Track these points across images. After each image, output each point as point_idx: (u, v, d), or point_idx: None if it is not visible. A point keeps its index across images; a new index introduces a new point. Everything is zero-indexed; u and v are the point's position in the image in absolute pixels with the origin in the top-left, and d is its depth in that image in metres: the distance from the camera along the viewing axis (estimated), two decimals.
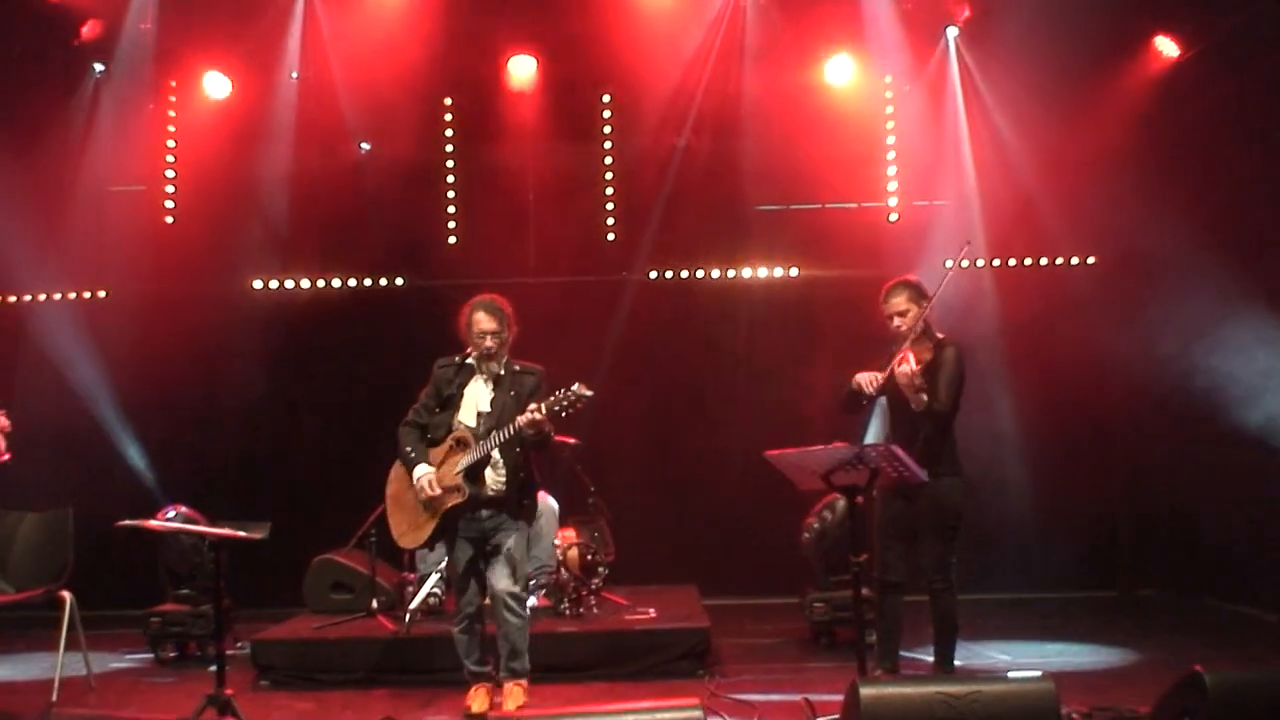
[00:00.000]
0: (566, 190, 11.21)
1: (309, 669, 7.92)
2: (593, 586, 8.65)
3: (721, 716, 6.52)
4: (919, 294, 6.75)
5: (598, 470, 9.41)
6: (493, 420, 6.72)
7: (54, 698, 7.36)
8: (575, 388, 6.48)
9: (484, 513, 6.78)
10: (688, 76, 10.76)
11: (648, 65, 10.67)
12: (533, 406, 6.50)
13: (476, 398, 6.84)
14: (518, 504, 6.83)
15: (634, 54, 10.45)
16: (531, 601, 8.28)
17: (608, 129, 11.22)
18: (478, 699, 6.88)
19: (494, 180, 11.24)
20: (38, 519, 8.22)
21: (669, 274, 11.19)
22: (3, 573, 8.08)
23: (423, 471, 6.75)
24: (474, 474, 6.70)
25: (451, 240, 11.27)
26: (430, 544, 6.93)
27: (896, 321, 6.75)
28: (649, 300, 11.05)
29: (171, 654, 8.86)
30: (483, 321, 6.81)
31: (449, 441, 6.77)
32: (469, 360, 6.89)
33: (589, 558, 8.74)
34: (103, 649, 8.78)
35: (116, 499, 8.98)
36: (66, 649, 7.56)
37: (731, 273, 11.17)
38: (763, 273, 11.13)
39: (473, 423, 6.77)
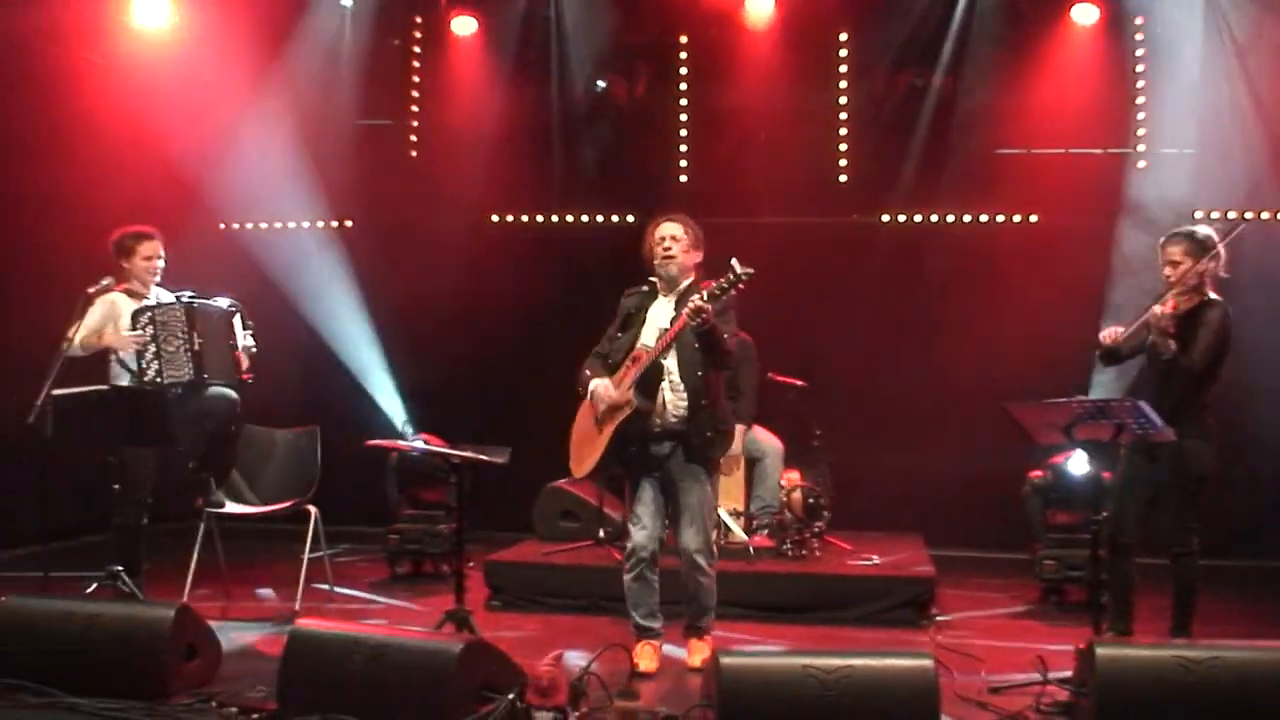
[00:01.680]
0: (799, 130, 11.09)
1: (537, 592, 8.18)
2: (815, 529, 8.65)
3: (947, 668, 6.34)
4: (1199, 247, 6.33)
5: (824, 413, 9.38)
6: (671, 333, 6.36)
7: (297, 606, 7.73)
8: (735, 266, 6.02)
9: (665, 445, 6.43)
10: (927, 16, 10.57)
11: (886, 3, 10.53)
12: (694, 297, 6.07)
13: (657, 318, 6.54)
14: (698, 436, 6.40)
15: None
16: (754, 541, 8.39)
17: (843, 68, 11.06)
18: (645, 656, 6.42)
19: (726, 119, 11.20)
20: (287, 436, 8.65)
21: (902, 217, 11.01)
22: (253, 487, 8.53)
23: (596, 384, 6.50)
24: (645, 387, 6.34)
25: (682, 179, 11.31)
26: (601, 470, 6.63)
27: (1167, 271, 6.47)
28: (881, 243, 10.89)
29: (406, 570, 9.25)
30: (664, 227, 6.58)
31: (626, 361, 6.48)
32: (653, 282, 6.65)
33: (812, 500, 8.75)
34: (343, 562, 9.20)
35: (360, 420, 9.39)
36: (309, 560, 7.93)
37: (967, 217, 10.94)
38: (1000, 218, 10.89)
39: (653, 342, 6.44)
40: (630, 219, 11.26)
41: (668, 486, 6.47)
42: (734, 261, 6.00)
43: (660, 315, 6.51)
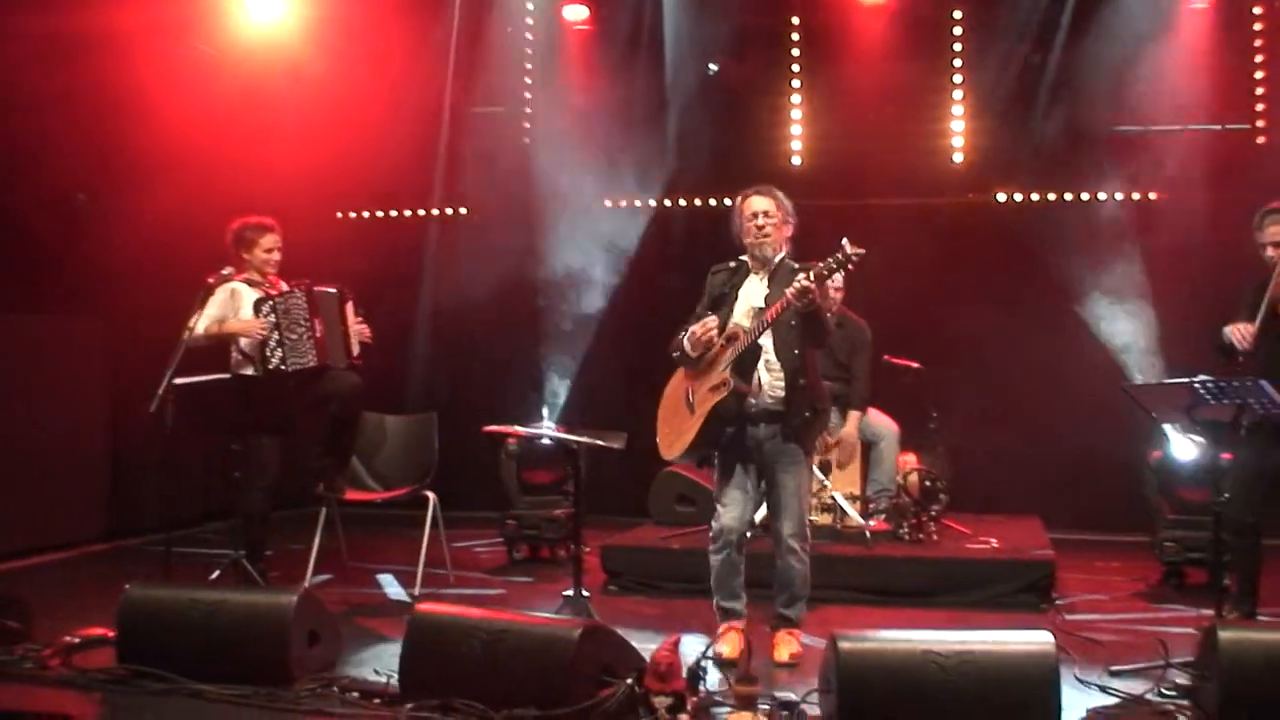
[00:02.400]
0: (912, 110, 11.00)
1: (654, 576, 8.19)
2: (933, 513, 8.56)
3: (1067, 651, 6.18)
4: None
5: (939, 395, 9.27)
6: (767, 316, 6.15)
7: (417, 591, 7.83)
8: (845, 246, 5.81)
9: (761, 429, 6.23)
10: None
11: None
12: (800, 277, 5.87)
13: (750, 295, 6.34)
14: (796, 417, 6.19)
15: None
16: (871, 525, 8.33)
17: (957, 46, 10.93)
18: (729, 642, 6.21)
19: (838, 100, 11.14)
20: (404, 422, 8.76)
21: (1018, 197, 10.84)
22: (372, 473, 8.65)
23: (690, 329, 6.27)
24: (742, 369, 6.13)
25: (794, 161, 11.25)
26: (694, 452, 6.40)
27: (1270, 253, 6.33)
28: (996, 223, 10.75)
29: (524, 555, 9.32)
30: (754, 203, 6.34)
31: (720, 340, 6.27)
32: (742, 260, 6.46)
33: (929, 483, 8.65)
34: (461, 547, 9.30)
35: (478, 406, 9.47)
36: (428, 545, 8.01)
37: (1085, 195, 10.74)
38: (1119, 196, 10.67)
39: (747, 321, 6.23)
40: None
41: (763, 469, 6.33)
42: (845, 241, 5.81)
43: (753, 293, 6.33)
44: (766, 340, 6.17)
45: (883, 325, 8.93)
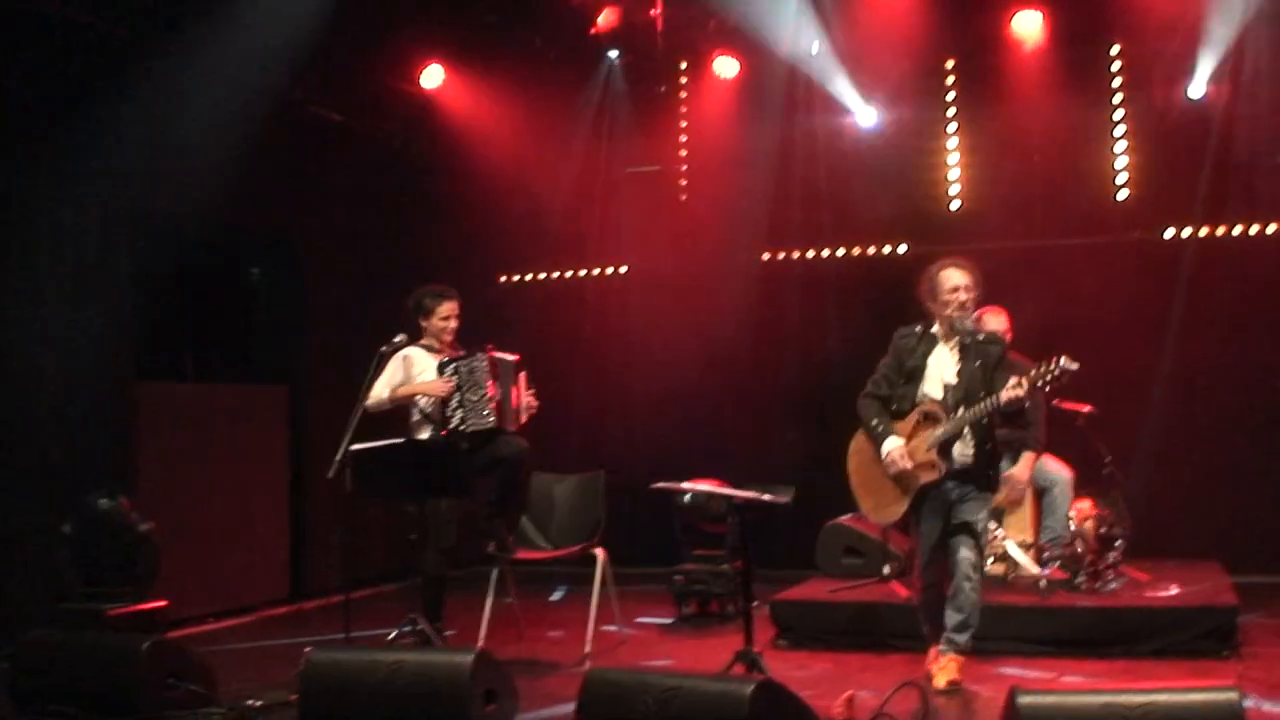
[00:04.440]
0: (1073, 148, 10.81)
1: (825, 630, 8.10)
2: (1109, 560, 8.35)
3: (1254, 700, 6.05)
4: None
5: (1113, 439, 9.06)
6: (960, 392, 6.50)
7: (587, 648, 7.84)
8: (1062, 361, 6.17)
9: (949, 484, 6.62)
10: (1201, 24, 10.14)
11: (1158, 13, 10.18)
12: (1013, 382, 6.26)
13: (941, 368, 6.60)
14: (984, 475, 6.67)
15: (1144, 2, 10.03)
16: (1045, 573, 8.16)
17: (1117, 82, 10.73)
18: (945, 670, 6.58)
19: (997, 141, 11.02)
20: (573, 481, 8.83)
21: (1186, 233, 10.55)
22: (542, 531, 8.75)
23: (892, 445, 6.62)
24: (945, 448, 6.54)
25: (954, 205, 11.16)
26: (902, 521, 6.88)
27: None
28: (1165, 260, 10.46)
29: (693, 610, 9.33)
30: (954, 276, 6.60)
31: (915, 415, 6.61)
32: (931, 329, 6.70)
33: (1105, 530, 8.45)
34: (630, 603, 9.35)
35: (644, 463, 9.55)
36: (598, 602, 8.02)
37: (1254, 229, 10.38)
38: None
39: (939, 395, 6.55)
40: (902, 249, 11.16)
41: (948, 514, 6.68)
42: (1063, 358, 6.16)
43: (945, 367, 6.61)
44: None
45: None
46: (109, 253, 8.60)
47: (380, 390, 7.57)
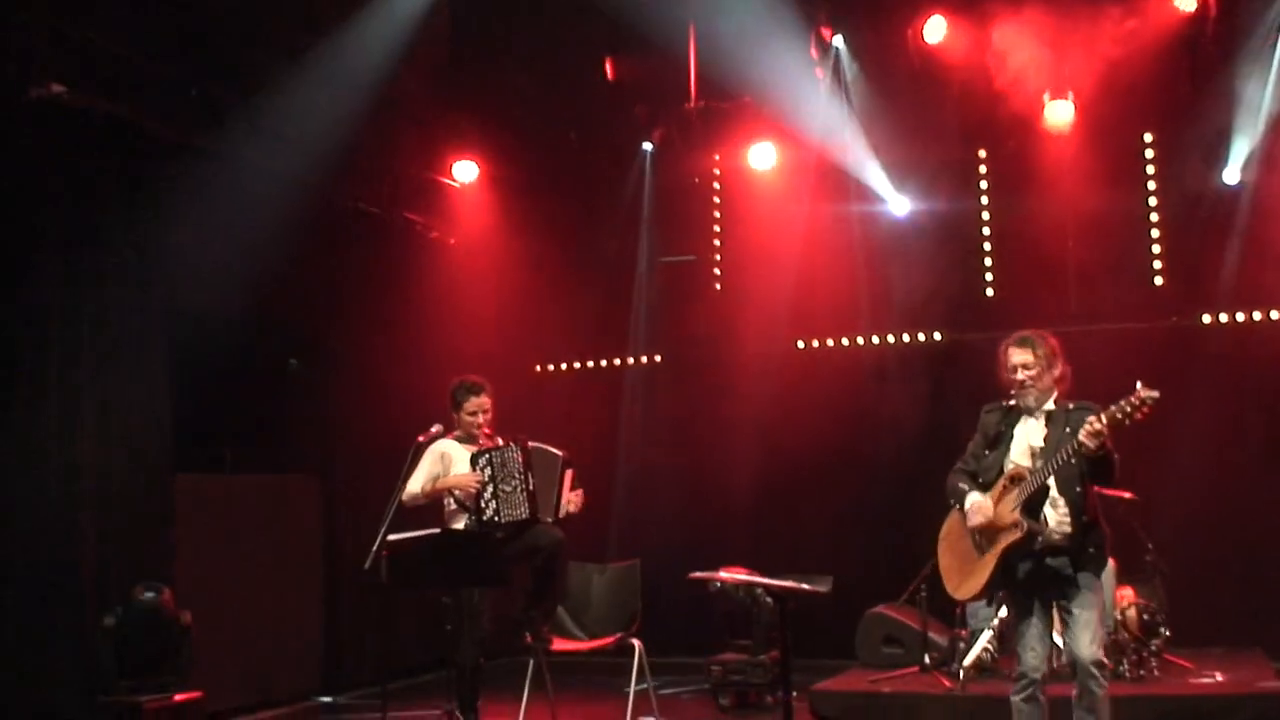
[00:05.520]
0: (1107, 235, 10.83)
1: None
2: (1153, 648, 8.26)
3: None
4: None
5: (1155, 526, 8.98)
6: (1048, 454, 6.19)
7: None
8: (1139, 389, 5.86)
9: (1048, 561, 6.23)
10: (1233, 108, 10.21)
11: (1189, 101, 10.25)
12: (1091, 417, 5.94)
13: (1029, 435, 6.37)
14: (1082, 549, 6.19)
15: (1174, 90, 10.17)
16: None
17: (1150, 169, 10.78)
18: None
19: (1030, 228, 11.03)
20: (609, 571, 8.82)
21: (1224, 318, 10.53)
22: (578, 621, 8.71)
23: (975, 499, 6.35)
24: (1032, 509, 6.16)
25: (989, 292, 11.16)
26: (988, 592, 6.43)
27: None
28: (1204, 346, 10.43)
29: (731, 701, 9.23)
30: (1014, 355, 6.38)
31: (1002, 481, 6.32)
32: (1015, 402, 6.47)
33: (1148, 618, 8.36)
34: (667, 694, 9.26)
35: (680, 552, 9.50)
36: (635, 693, 7.98)
37: None
38: None
39: (1026, 460, 6.28)
40: (937, 336, 11.16)
41: (1058, 602, 6.31)
42: (1139, 385, 5.88)
43: (1032, 433, 6.36)
44: (1050, 479, 6.19)
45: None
46: (148, 346, 8.67)
47: (414, 485, 7.60)
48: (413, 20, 10.13)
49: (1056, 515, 6.21)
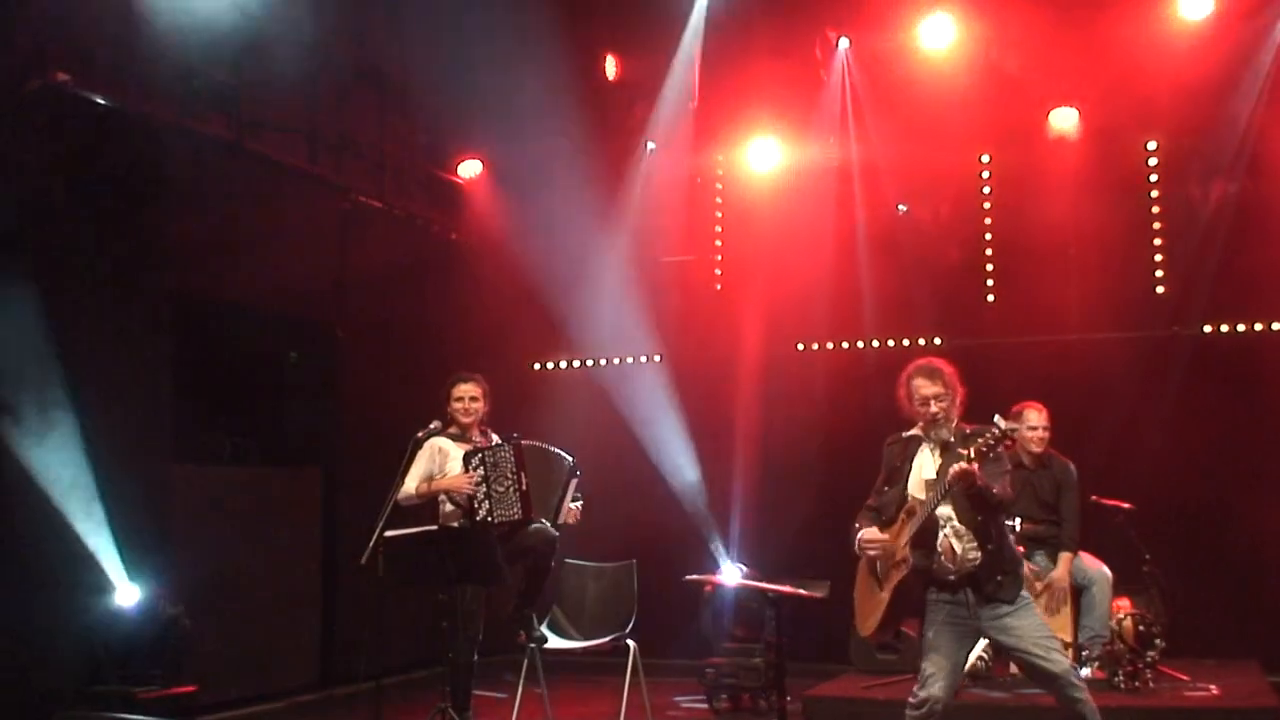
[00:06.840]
0: (1110, 242, 10.81)
1: None
2: (1149, 659, 8.25)
3: None
4: None
5: (1152, 537, 8.97)
6: (939, 486, 6.04)
7: None
8: (996, 420, 5.76)
9: (962, 595, 6.05)
10: (1238, 118, 10.22)
11: (1194, 109, 10.23)
12: (958, 464, 5.78)
13: (923, 468, 6.22)
14: (991, 578, 6.00)
15: (1179, 98, 10.12)
16: (1085, 673, 8.03)
17: (1153, 177, 10.76)
18: None
19: (1032, 235, 11.00)
20: (605, 572, 8.81)
21: (1224, 328, 10.51)
22: (573, 621, 8.70)
23: (863, 534, 6.26)
24: (923, 542, 6.06)
25: (990, 298, 11.15)
26: (885, 629, 6.33)
27: None
28: (1203, 356, 10.41)
29: (725, 704, 9.22)
30: (924, 387, 6.19)
31: (901, 515, 6.20)
32: (914, 432, 6.34)
33: (1144, 629, 8.35)
34: (661, 696, 9.25)
35: (677, 554, 9.51)
36: (629, 694, 7.98)
37: None
38: None
39: (921, 493, 6.14)
40: (937, 341, 11.14)
41: (982, 632, 6.17)
42: (997, 418, 5.77)
43: (926, 464, 6.23)
44: (947, 509, 6.07)
45: (1090, 465, 8.74)
46: (149, 336, 8.67)
47: (409, 486, 7.58)
48: None
49: (963, 545, 6.03)
